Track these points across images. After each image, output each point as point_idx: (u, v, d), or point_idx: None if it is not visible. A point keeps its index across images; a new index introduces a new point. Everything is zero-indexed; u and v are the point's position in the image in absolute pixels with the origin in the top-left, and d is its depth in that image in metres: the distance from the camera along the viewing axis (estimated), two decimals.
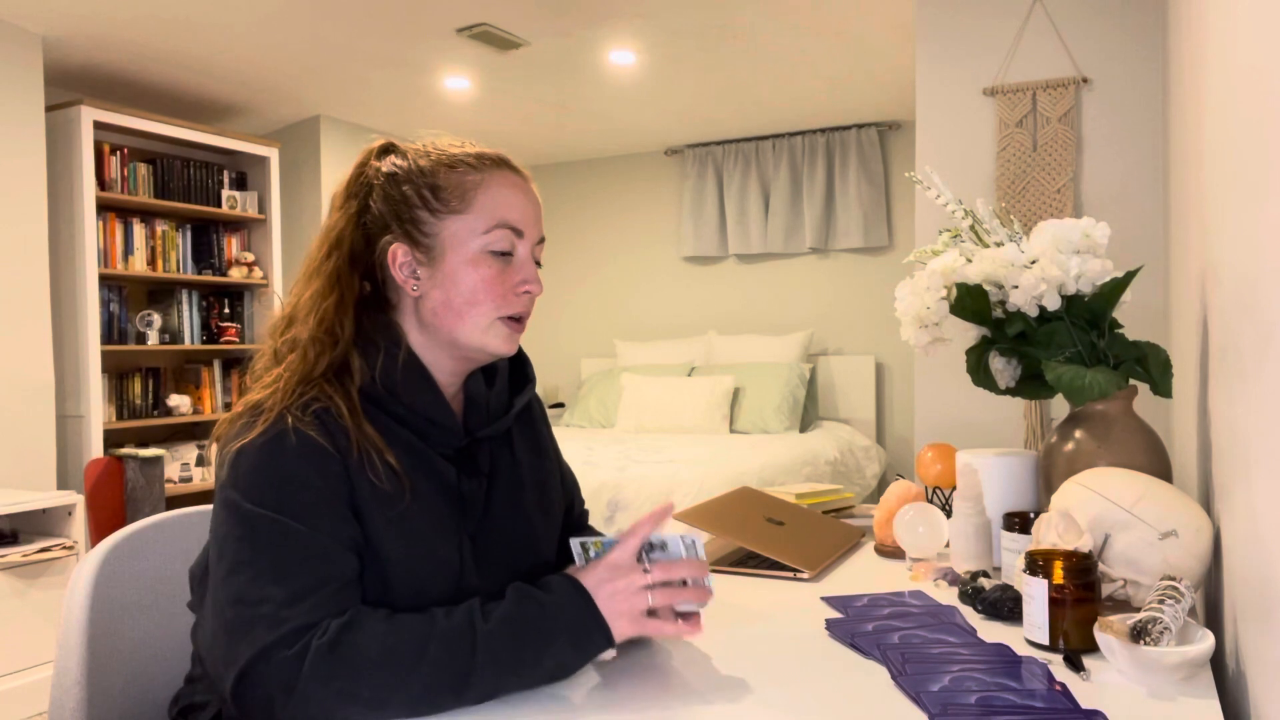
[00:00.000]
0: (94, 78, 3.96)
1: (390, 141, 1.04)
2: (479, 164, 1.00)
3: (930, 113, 2.91)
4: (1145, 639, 0.88)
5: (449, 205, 0.98)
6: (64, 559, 2.96)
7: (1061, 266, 1.26)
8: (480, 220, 0.98)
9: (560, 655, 0.87)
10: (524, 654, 0.85)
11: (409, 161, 1.00)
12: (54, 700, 1.02)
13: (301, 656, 0.82)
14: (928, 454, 1.59)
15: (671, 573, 0.90)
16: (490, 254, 0.98)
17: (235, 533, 0.87)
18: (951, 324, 1.38)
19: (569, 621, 0.88)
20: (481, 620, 0.86)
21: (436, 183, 0.98)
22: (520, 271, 1.00)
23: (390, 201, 0.99)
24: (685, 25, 3.55)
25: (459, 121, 4.83)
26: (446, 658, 0.83)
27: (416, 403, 0.97)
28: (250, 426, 0.91)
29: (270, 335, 1.00)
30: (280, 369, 0.95)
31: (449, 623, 0.86)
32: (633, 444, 4.20)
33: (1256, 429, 0.80)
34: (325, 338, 0.95)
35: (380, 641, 0.83)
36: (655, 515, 0.92)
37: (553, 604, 0.88)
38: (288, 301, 1.00)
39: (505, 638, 0.85)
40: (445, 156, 1.00)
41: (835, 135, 5.08)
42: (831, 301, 5.20)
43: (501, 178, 1.00)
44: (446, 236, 0.97)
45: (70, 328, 3.62)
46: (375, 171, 1.01)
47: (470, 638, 0.84)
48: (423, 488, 0.96)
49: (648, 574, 0.90)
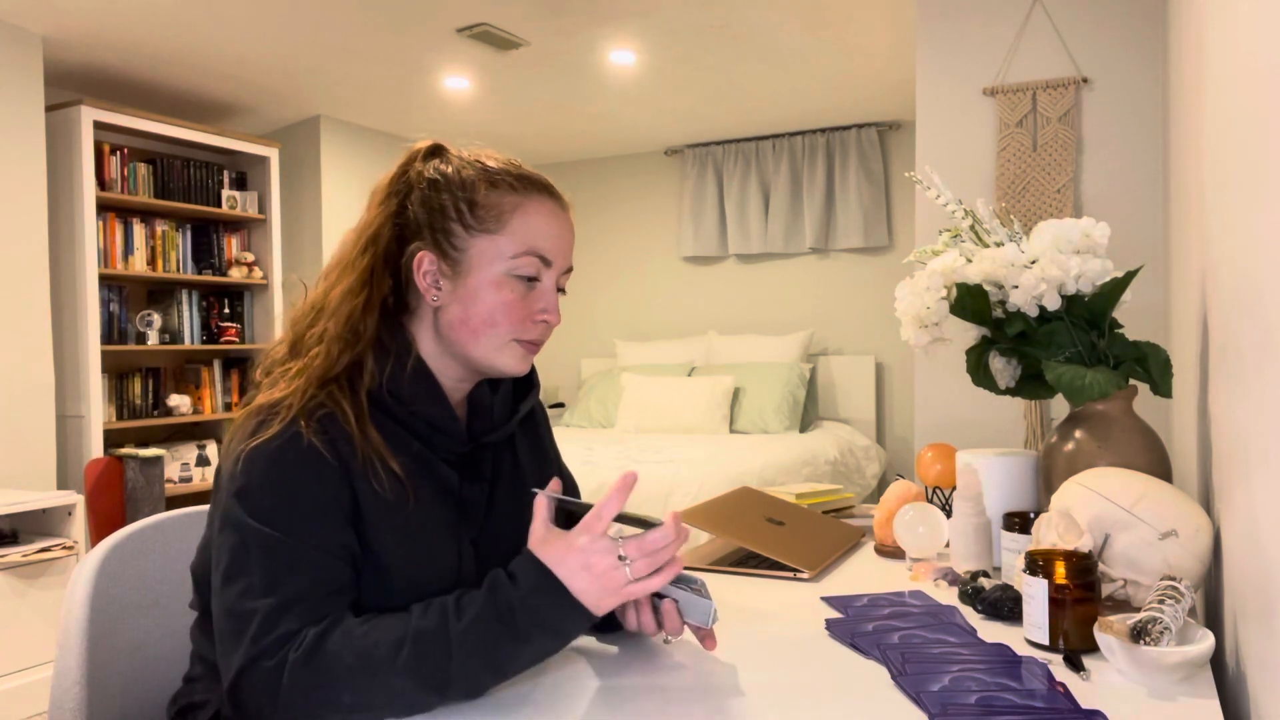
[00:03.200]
0: (94, 78, 3.96)
1: (438, 144, 1.03)
2: (520, 186, 0.99)
3: (930, 113, 2.91)
4: (1145, 639, 0.88)
5: (483, 223, 0.97)
6: (64, 559, 2.96)
7: (1061, 266, 1.26)
8: (511, 244, 0.97)
9: (540, 643, 0.86)
10: (500, 650, 0.85)
11: (453, 170, 1.00)
12: (54, 700, 1.02)
13: (281, 667, 0.82)
14: (928, 454, 1.59)
15: (645, 547, 0.87)
16: (515, 278, 0.98)
17: (230, 542, 0.87)
18: (951, 324, 1.38)
19: (545, 615, 0.86)
20: (455, 619, 0.85)
21: (475, 198, 0.98)
22: (542, 300, 1.00)
23: (428, 207, 0.98)
24: (685, 25, 3.54)
25: (459, 121, 4.84)
26: (422, 659, 0.83)
27: (422, 410, 0.97)
28: (266, 426, 0.90)
29: (293, 325, 1.00)
30: (303, 363, 0.95)
31: (423, 623, 0.85)
32: (633, 444, 4.21)
33: (1256, 429, 0.80)
34: (350, 336, 0.95)
35: (355, 647, 0.83)
36: (620, 489, 0.88)
37: (527, 599, 0.86)
38: (316, 292, 1.00)
39: (481, 637, 0.84)
40: (489, 172, 0.99)
41: (835, 135, 5.08)
42: (831, 301, 5.20)
43: (539, 204, 1.00)
44: (475, 254, 0.97)
45: (70, 328, 3.62)
46: (418, 174, 1.00)
47: (445, 639, 0.84)
48: (425, 493, 0.96)
49: (623, 558, 0.86)
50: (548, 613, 0.86)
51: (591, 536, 0.87)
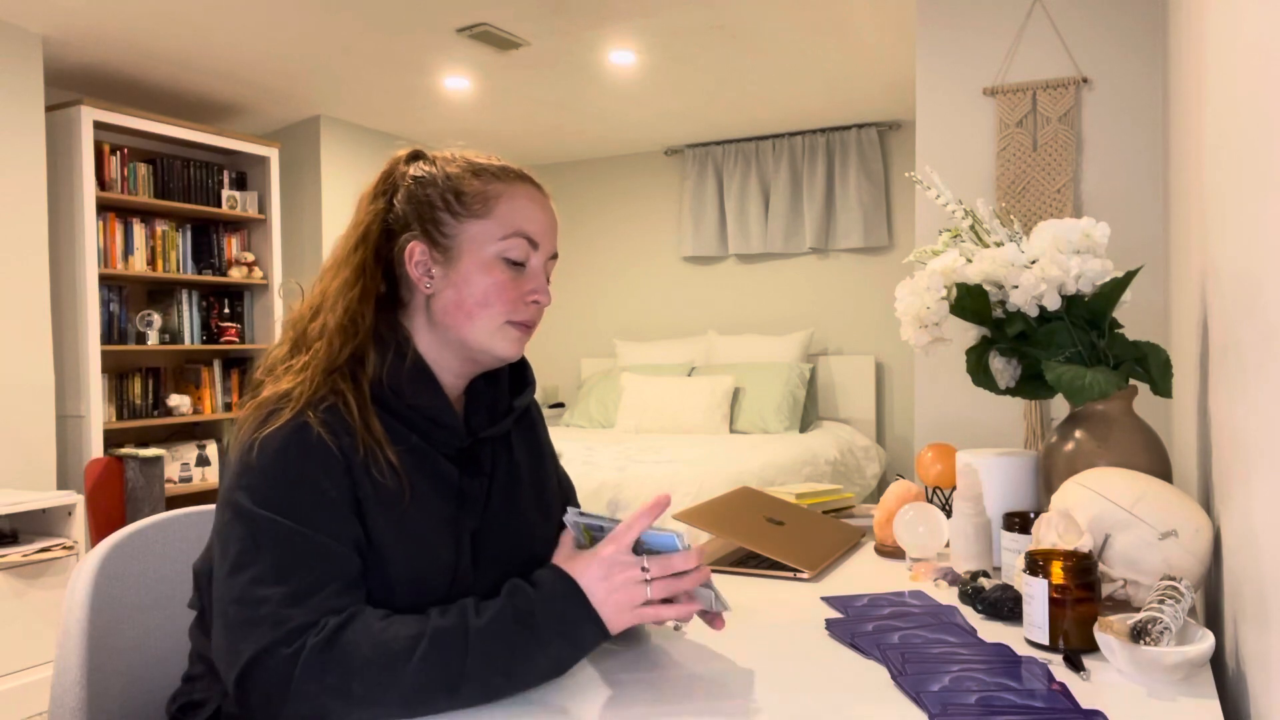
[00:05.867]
0: (94, 78, 3.96)
1: (419, 149, 1.07)
2: (503, 175, 1.03)
3: (930, 113, 2.91)
4: (1145, 639, 0.88)
5: (470, 210, 1.00)
6: (64, 559, 2.96)
7: (1061, 266, 1.26)
8: (499, 227, 1.00)
9: (556, 653, 0.87)
10: (517, 653, 0.85)
11: (436, 168, 1.03)
12: (54, 700, 1.02)
13: (298, 655, 0.82)
14: (928, 454, 1.59)
15: (669, 567, 0.90)
16: (504, 260, 1.01)
17: (238, 532, 0.88)
18: (951, 324, 1.38)
19: (564, 620, 0.87)
20: (475, 618, 0.86)
21: (460, 188, 1.01)
22: (531, 281, 1.03)
23: (414, 202, 1.02)
24: (685, 25, 3.55)
25: (459, 121, 4.84)
26: (438, 656, 0.83)
27: (421, 404, 0.98)
28: (276, 415, 0.92)
29: (293, 324, 1.02)
30: (307, 357, 0.97)
31: (442, 621, 0.86)
32: (633, 444, 4.20)
33: (1256, 429, 0.80)
34: (350, 327, 0.97)
35: (373, 639, 0.84)
36: (652, 508, 0.91)
37: (547, 603, 0.88)
38: (313, 292, 1.02)
39: (498, 637, 0.85)
40: (471, 165, 1.03)
41: (835, 135, 5.08)
42: (831, 301, 5.20)
43: (523, 190, 1.04)
44: (465, 239, 1.00)
45: (70, 328, 3.62)
46: (402, 174, 1.04)
47: (463, 636, 0.84)
48: (424, 487, 0.97)
49: (645, 570, 0.89)
50: (565, 617, 0.87)
51: (617, 548, 0.90)
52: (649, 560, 0.89)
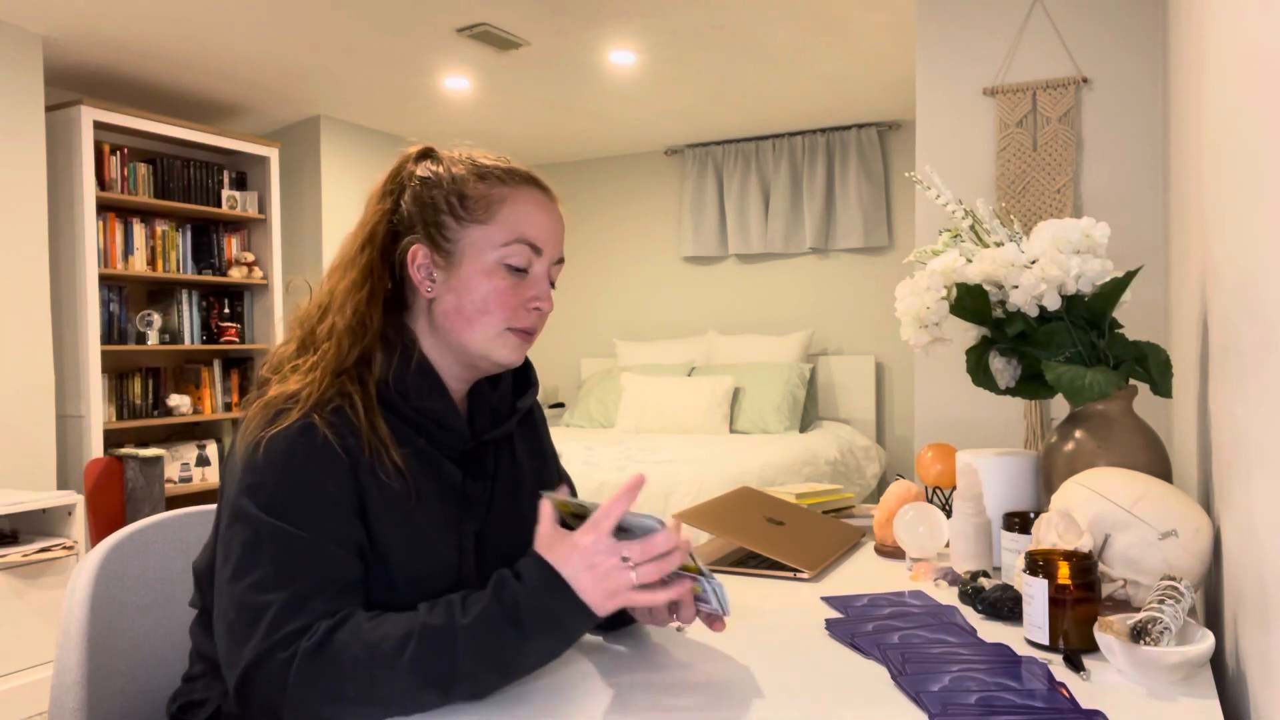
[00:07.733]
0: (94, 78, 3.96)
1: (428, 147, 1.06)
2: (508, 178, 1.02)
3: (930, 113, 2.91)
4: (1145, 639, 0.88)
5: (473, 214, 1.00)
6: (64, 559, 2.96)
7: (1061, 266, 1.26)
8: (500, 233, 1.00)
9: (546, 645, 0.86)
10: (506, 650, 0.85)
11: (443, 168, 1.03)
12: (54, 700, 1.02)
13: (292, 659, 0.83)
14: (928, 454, 1.59)
15: (651, 549, 0.87)
16: (506, 266, 1.00)
17: (241, 536, 0.88)
18: (951, 324, 1.38)
19: (551, 615, 0.86)
20: (462, 615, 0.85)
21: (464, 191, 1.00)
22: (533, 287, 1.02)
23: (420, 203, 1.01)
24: (685, 25, 3.55)
25: (459, 122, 4.84)
26: (427, 655, 0.83)
27: (426, 405, 0.98)
28: (285, 414, 0.92)
29: (300, 323, 1.02)
30: (315, 357, 0.97)
31: (430, 619, 0.85)
32: (633, 444, 4.21)
33: (1256, 429, 0.80)
34: (358, 328, 0.97)
35: (363, 640, 0.84)
36: (627, 490, 0.89)
37: (533, 598, 0.86)
38: (321, 292, 1.02)
39: (486, 635, 0.84)
40: (477, 167, 1.02)
41: (835, 135, 5.08)
42: (831, 301, 5.20)
43: (528, 195, 1.03)
44: (466, 244, 0.99)
45: (70, 328, 3.62)
46: (410, 174, 1.03)
47: (450, 633, 0.84)
48: (428, 489, 0.97)
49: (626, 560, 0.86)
50: (553, 610, 0.86)
51: (595, 537, 0.87)
52: (630, 546, 0.87)
